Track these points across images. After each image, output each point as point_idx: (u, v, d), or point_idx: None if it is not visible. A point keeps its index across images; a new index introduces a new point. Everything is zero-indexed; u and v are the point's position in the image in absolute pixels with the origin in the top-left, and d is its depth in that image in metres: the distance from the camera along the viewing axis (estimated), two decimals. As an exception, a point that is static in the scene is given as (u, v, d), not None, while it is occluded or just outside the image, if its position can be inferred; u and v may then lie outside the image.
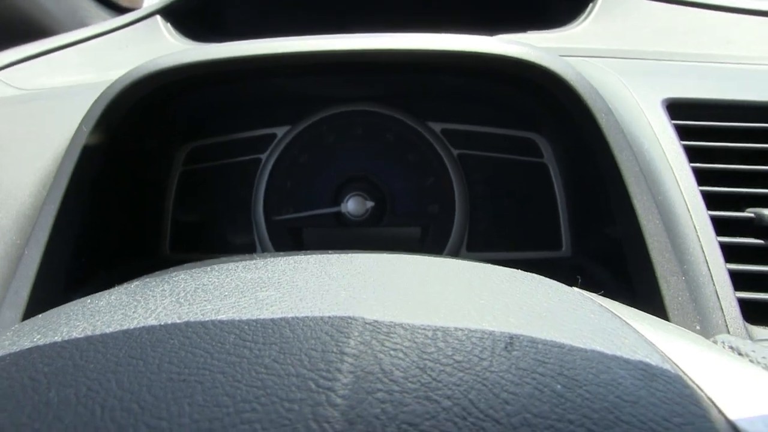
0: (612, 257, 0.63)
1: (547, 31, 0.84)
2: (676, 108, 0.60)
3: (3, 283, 0.54)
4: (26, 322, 0.31)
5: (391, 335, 0.23)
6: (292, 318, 0.25)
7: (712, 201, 0.53)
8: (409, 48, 0.61)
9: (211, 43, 0.71)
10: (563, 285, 0.33)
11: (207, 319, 0.25)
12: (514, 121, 0.81)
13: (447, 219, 0.79)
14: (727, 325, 0.47)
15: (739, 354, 0.32)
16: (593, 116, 0.57)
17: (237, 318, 0.25)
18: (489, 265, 0.35)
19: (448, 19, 1.01)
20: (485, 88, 0.74)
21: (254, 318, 0.25)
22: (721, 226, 0.51)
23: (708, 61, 0.72)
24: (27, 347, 0.25)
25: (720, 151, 0.56)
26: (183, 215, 0.82)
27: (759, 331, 0.48)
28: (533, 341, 0.23)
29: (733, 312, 0.48)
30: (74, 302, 0.32)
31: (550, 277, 0.35)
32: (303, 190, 0.82)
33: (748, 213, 0.53)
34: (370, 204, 0.79)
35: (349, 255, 0.36)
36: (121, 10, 1.31)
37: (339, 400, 0.20)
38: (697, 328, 0.47)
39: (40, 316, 0.31)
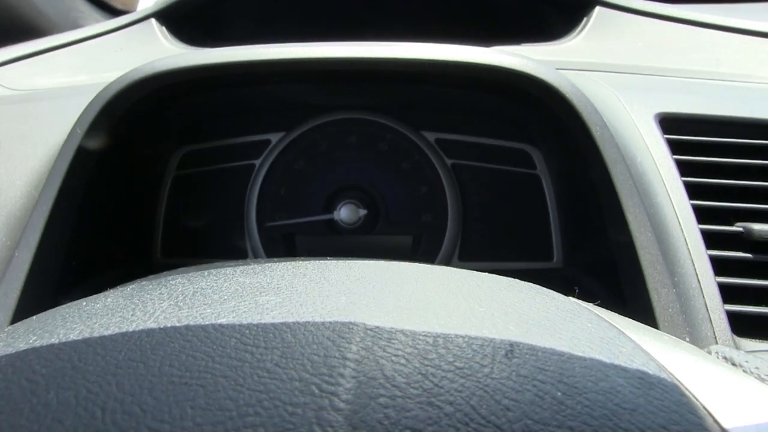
0: (602, 268, 0.63)
1: (541, 43, 0.85)
2: (669, 122, 0.60)
3: None
4: (19, 323, 0.30)
5: (393, 341, 0.23)
6: (293, 323, 0.25)
7: (702, 215, 0.54)
8: (406, 57, 0.61)
9: (207, 47, 0.70)
10: (560, 294, 0.33)
11: (207, 322, 0.25)
12: (508, 133, 0.81)
13: (439, 228, 0.79)
14: (715, 337, 0.48)
15: (733, 364, 0.33)
16: (588, 129, 0.57)
17: (237, 322, 0.25)
18: (488, 274, 0.35)
19: (444, 30, 1.02)
20: (480, 98, 0.75)
21: (255, 322, 0.25)
22: (711, 240, 0.52)
23: (699, 78, 0.73)
24: (23, 349, 0.25)
25: (710, 165, 0.57)
26: (175, 220, 0.82)
27: (746, 342, 0.49)
28: (533, 349, 0.23)
29: (722, 324, 0.48)
30: (69, 305, 0.32)
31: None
32: (296, 197, 0.82)
33: (737, 227, 0.53)
34: (362, 212, 0.79)
35: (348, 261, 0.36)
36: (116, 13, 1.30)
37: (342, 405, 0.20)
38: (687, 339, 0.48)
39: (33, 318, 0.31)
